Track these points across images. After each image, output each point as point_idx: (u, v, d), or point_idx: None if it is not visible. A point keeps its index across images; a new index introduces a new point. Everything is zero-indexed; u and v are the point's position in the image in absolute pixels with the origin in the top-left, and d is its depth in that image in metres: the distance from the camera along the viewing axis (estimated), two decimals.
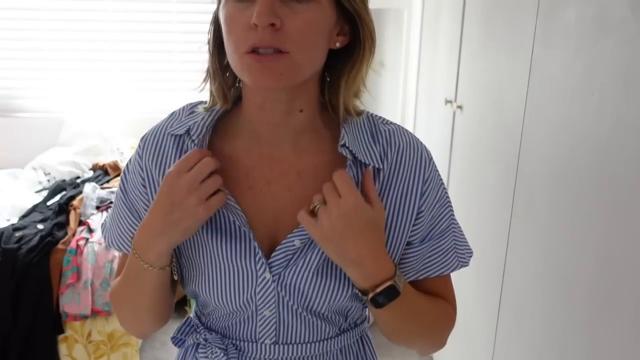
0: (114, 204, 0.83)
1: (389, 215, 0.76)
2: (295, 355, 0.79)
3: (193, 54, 2.82)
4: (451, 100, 2.06)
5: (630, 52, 0.98)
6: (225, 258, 0.73)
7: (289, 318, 0.77)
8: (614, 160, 1.03)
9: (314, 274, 0.73)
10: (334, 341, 0.81)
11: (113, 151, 2.62)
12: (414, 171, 0.76)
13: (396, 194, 0.76)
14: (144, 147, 0.78)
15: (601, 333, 1.07)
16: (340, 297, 0.75)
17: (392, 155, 0.76)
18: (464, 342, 1.96)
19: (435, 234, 0.79)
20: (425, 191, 0.77)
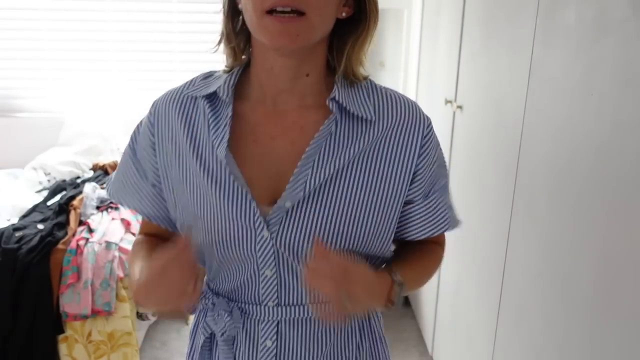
0: (121, 161, 0.88)
1: (384, 169, 0.79)
2: (297, 317, 0.82)
3: (193, 54, 2.82)
4: (451, 100, 2.06)
5: (630, 52, 0.98)
6: (228, 215, 0.77)
7: (289, 278, 0.80)
8: (614, 160, 1.03)
9: (309, 231, 0.77)
10: None
11: (113, 151, 2.62)
12: (412, 129, 0.80)
13: (393, 148, 0.80)
14: (156, 112, 0.82)
15: (601, 333, 1.07)
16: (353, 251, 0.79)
17: (388, 112, 0.80)
18: (464, 342, 1.96)
19: (436, 190, 0.84)
20: (424, 149, 0.81)
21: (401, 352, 2.48)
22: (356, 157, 0.78)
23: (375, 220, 0.80)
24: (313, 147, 0.76)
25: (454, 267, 2.07)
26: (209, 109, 0.80)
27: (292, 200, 0.76)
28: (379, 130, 0.79)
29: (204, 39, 2.79)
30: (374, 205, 0.79)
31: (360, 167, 0.78)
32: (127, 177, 0.86)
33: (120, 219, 2.07)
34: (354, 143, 0.78)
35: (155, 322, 2.59)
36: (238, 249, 0.78)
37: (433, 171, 0.83)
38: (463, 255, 1.96)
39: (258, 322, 0.83)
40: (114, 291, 1.89)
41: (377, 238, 0.81)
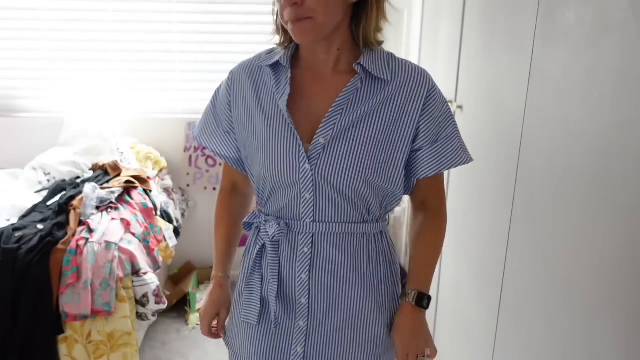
0: (204, 113, 1.19)
1: (395, 118, 1.05)
2: (327, 231, 1.08)
3: (193, 54, 2.82)
4: (451, 100, 2.06)
5: (630, 52, 0.98)
6: (281, 151, 1.05)
7: (323, 201, 1.06)
8: (614, 160, 1.03)
9: (339, 164, 1.03)
10: (357, 226, 1.09)
11: (113, 151, 2.62)
12: (418, 89, 1.06)
13: (402, 102, 1.05)
14: (232, 77, 1.13)
15: (601, 333, 1.07)
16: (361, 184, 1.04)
17: (401, 75, 1.06)
18: (464, 342, 1.96)
19: (442, 137, 1.09)
20: (427, 105, 1.06)
21: None
22: (375, 107, 1.04)
23: (387, 157, 1.05)
24: (342, 98, 1.04)
25: (454, 267, 2.07)
26: (272, 73, 1.08)
27: (324, 137, 1.03)
28: (393, 88, 1.05)
29: (204, 39, 2.79)
30: (386, 145, 1.05)
31: (378, 116, 1.04)
32: (206, 125, 1.17)
33: (120, 219, 2.07)
34: (374, 97, 1.04)
35: (155, 323, 2.59)
36: (286, 177, 1.05)
37: (438, 123, 1.07)
38: (463, 255, 1.96)
39: (298, 234, 1.08)
40: (114, 291, 1.89)
41: (389, 171, 1.07)
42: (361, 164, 1.04)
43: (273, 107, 1.07)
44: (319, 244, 1.09)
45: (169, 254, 2.29)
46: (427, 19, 2.49)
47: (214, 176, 2.94)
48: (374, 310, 1.13)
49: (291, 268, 1.10)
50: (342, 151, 1.03)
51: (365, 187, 1.05)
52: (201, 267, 3.05)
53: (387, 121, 1.05)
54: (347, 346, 1.13)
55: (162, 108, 2.88)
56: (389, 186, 1.08)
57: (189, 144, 2.88)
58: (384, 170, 1.06)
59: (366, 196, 1.07)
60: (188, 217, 2.93)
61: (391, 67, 1.06)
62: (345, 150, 1.03)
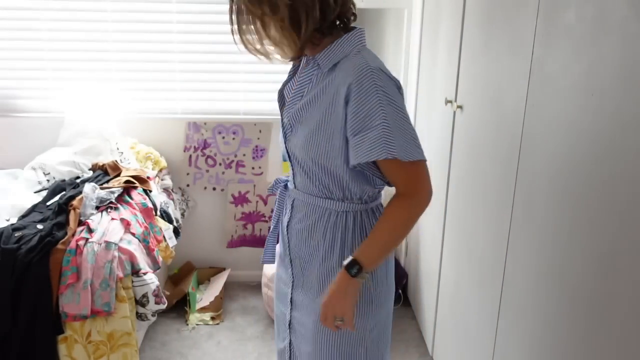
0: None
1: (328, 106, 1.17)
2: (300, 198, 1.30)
3: (193, 55, 2.81)
4: (451, 100, 2.06)
5: (630, 52, 0.98)
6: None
7: (297, 172, 1.29)
8: (614, 160, 1.03)
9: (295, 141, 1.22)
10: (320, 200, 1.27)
11: (113, 151, 2.62)
12: (345, 80, 1.13)
13: (334, 93, 1.16)
14: None
15: (601, 333, 1.07)
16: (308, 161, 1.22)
17: (341, 69, 1.16)
18: (464, 342, 1.96)
19: (364, 129, 1.12)
20: (348, 99, 1.13)
21: (401, 353, 2.48)
22: (319, 95, 1.18)
23: (326, 140, 1.17)
24: (298, 86, 1.24)
25: (454, 267, 2.07)
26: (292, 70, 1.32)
27: (287, 118, 1.24)
28: (333, 80, 1.16)
29: (204, 40, 2.79)
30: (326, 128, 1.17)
31: (321, 102, 1.18)
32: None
33: (119, 219, 2.07)
34: (319, 86, 1.19)
35: (155, 323, 2.59)
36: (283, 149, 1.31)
37: (359, 118, 1.12)
38: (463, 255, 1.96)
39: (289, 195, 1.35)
40: (114, 291, 1.89)
41: (329, 152, 1.18)
42: (306, 141, 1.19)
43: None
44: (295, 207, 1.33)
45: (168, 254, 2.29)
46: (427, 19, 2.49)
47: (213, 176, 2.94)
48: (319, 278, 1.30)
49: (283, 221, 1.38)
50: (297, 130, 1.22)
51: (313, 164, 1.22)
52: (201, 267, 3.05)
53: (325, 108, 1.17)
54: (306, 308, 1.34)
55: (162, 108, 2.88)
56: (330, 166, 1.20)
57: (189, 144, 2.89)
58: (324, 151, 1.18)
59: (317, 173, 1.23)
60: (188, 217, 2.93)
61: (340, 63, 1.17)
62: (298, 130, 1.21)
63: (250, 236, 3.03)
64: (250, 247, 3.05)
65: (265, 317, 2.74)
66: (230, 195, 2.96)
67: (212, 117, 2.87)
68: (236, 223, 3.01)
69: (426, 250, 2.49)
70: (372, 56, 1.18)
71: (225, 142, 2.89)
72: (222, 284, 2.85)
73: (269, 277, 2.63)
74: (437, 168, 2.29)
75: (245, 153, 2.91)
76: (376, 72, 1.12)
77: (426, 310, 2.51)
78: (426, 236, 2.49)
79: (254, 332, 2.62)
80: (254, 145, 2.91)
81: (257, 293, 2.94)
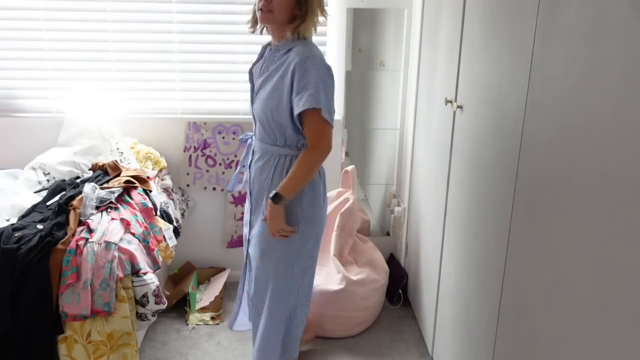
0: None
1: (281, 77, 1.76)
2: (258, 146, 1.90)
3: (193, 55, 2.81)
4: (451, 100, 2.06)
5: (630, 52, 0.97)
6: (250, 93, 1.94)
7: (256, 124, 1.89)
8: (614, 160, 1.03)
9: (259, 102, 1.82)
10: (271, 147, 1.85)
11: (113, 151, 2.62)
12: (294, 60, 1.72)
13: (285, 68, 1.75)
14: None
15: (601, 333, 1.07)
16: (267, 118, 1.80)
17: (294, 53, 1.74)
18: (464, 342, 1.96)
19: (303, 90, 1.70)
20: (294, 70, 1.71)
21: (401, 353, 2.48)
22: (276, 70, 1.79)
23: (279, 101, 1.75)
24: (264, 65, 1.86)
25: (454, 267, 2.07)
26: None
27: (257, 85, 1.87)
28: (287, 60, 1.76)
29: (204, 40, 2.79)
30: (279, 93, 1.75)
31: (277, 74, 1.77)
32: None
33: (119, 219, 2.07)
34: (278, 61, 1.79)
35: (155, 323, 2.59)
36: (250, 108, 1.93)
37: (300, 84, 1.70)
38: (463, 255, 1.96)
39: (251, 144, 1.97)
40: (114, 291, 1.89)
41: (281, 111, 1.76)
42: (266, 104, 1.78)
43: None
44: (254, 152, 1.93)
45: (168, 254, 2.29)
46: (427, 19, 2.49)
47: (213, 176, 2.94)
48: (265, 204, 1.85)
49: (248, 165, 1.99)
50: (260, 94, 1.82)
51: (267, 119, 1.80)
52: (201, 267, 3.05)
53: (279, 78, 1.76)
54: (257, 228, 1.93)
55: (162, 108, 2.88)
56: (279, 119, 1.78)
57: (189, 144, 2.89)
58: (276, 107, 1.76)
59: (270, 125, 1.81)
60: (188, 217, 2.93)
61: (292, 47, 1.76)
62: (260, 94, 1.82)
63: None
64: None
65: None
66: (230, 195, 2.96)
67: (212, 117, 2.87)
68: (236, 223, 3.01)
69: (426, 250, 2.49)
70: (315, 47, 1.77)
71: (225, 142, 2.90)
72: (222, 284, 2.85)
73: None
74: (437, 168, 2.29)
75: None
76: (314, 57, 1.72)
77: (426, 310, 2.51)
78: (426, 236, 2.49)
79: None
80: None
81: None
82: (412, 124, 2.73)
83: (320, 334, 2.55)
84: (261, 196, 1.89)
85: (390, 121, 3.00)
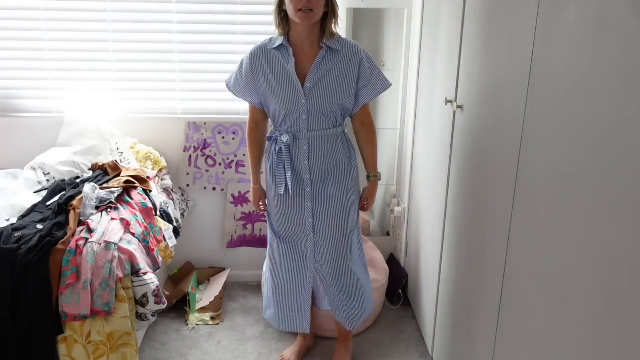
0: (235, 78, 2.13)
1: (343, 71, 2.02)
2: (315, 135, 2.05)
3: (193, 55, 2.81)
4: (451, 100, 2.06)
5: (631, 52, 0.97)
6: (289, 94, 2.01)
7: (311, 118, 2.03)
8: (614, 160, 1.03)
9: (318, 98, 2.00)
10: (330, 130, 2.06)
11: (113, 151, 2.62)
12: (355, 55, 2.03)
13: (346, 62, 2.02)
14: (253, 57, 2.05)
15: (601, 333, 1.07)
16: (332, 106, 2.02)
17: (346, 48, 2.02)
18: (464, 342, 1.96)
19: (369, 84, 2.06)
20: (361, 64, 2.03)
21: (401, 352, 2.48)
22: (334, 66, 2.01)
23: (344, 90, 2.02)
24: (316, 61, 2.00)
25: (454, 267, 2.07)
26: (278, 52, 2.02)
27: (310, 83, 1.99)
28: (343, 56, 2.02)
29: (203, 40, 2.79)
30: (342, 85, 2.02)
31: (336, 70, 2.01)
32: (236, 85, 2.12)
33: (119, 219, 2.07)
34: (332, 60, 2.01)
35: (155, 323, 2.59)
36: (294, 107, 2.01)
37: (365, 74, 2.04)
38: (463, 255, 1.96)
39: (300, 139, 2.05)
40: (114, 291, 1.89)
41: (346, 98, 2.03)
42: (331, 95, 2.01)
43: (282, 70, 2.01)
44: (312, 143, 2.06)
45: (168, 254, 2.29)
46: (427, 19, 2.49)
47: (213, 176, 2.94)
48: (342, 176, 2.12)
49: (298, 159, 2.08)
50: (319, 90, 2.00)
51: (335, 107, 2.03)
52: (201, 267, 3.05)
53: (341, 72, 2.01)
54: (332, 200, 2.12)
55: (162, 108, 2.88)
56: (347, 105, 2.06)
57: (189, 144, 2.89)
58: (344, 97, 2.03)
59: (335, 111, 2.04)
60: (188, 217, 2.93)
61: (340, 43, 2.02)
62: (320, 90, 2.00)
63: (250, 236, 3.03)
64: (250, 247, 3.05)
65: None
66: (230, 195, 2.96)
67: (212, 117, 2.87)
68: (236, 223, 3.01)
69: (426, 250, 2.49)
70: None
71: (225, 142, 2.89)
72: (222, 284, 2.85)
73: None
74: (437, 168, 2.29)
75: (245, 153, 2.91)
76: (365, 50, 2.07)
77: (426, 310, 2.51)
78: (426, 236, 2.49)
79: (254, 332, 2.61)
80: None
81: (257, 293, 2.94)
82: (412, 124, 2.73)
83: (320, 334, 2.55)
84: (327, 177, 2.10)
85: (390, 121, 3.00)
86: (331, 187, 2.10)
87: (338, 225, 2.15)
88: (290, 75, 1.98)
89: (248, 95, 2.09)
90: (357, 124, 2.14)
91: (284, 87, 1.99)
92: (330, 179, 2.10)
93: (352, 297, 2.24)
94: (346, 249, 2.18)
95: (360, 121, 2.13)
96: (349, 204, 2.14)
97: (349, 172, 2.12)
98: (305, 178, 2.09)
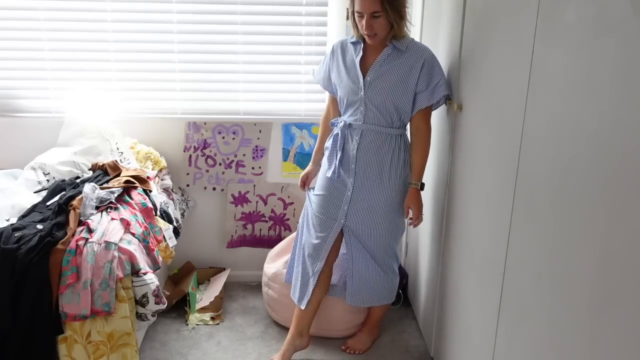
0: (320, 67, 2.33)
1: (405, 71, 2.09)
2: (369, 129, 2.14)
3: (193, 55, 2.81)
4: (451, 100, 2.06)
5: (630, 52, 0.97)
6: (352, 85, 2.15)
7: (368, 111, 2.13)
8: (614, 160, 1.03)
9: (378, 93, 2.11)
10: (386, 129, 2.14)
11: (113, 151, 2.62)
12: (418, 57, 2.08)
13: (410, 63, 2.08)
14: (333, 48, 2.25)
15: (601, 333, 1.07)
16: (387, 103, 2.10)
17: (412, 50, 2.09)
18: (464, 342, 1.96)
19: (429, 89, 2.08)
20: (422, 68, 2.07)
21: (401, 352, 2.48)
22: (397, 65, 2.09)
23: (403, 90, 2.09)
24: (380, 58, 2.11)
25: (454, 267, 2.07)
26: (353, 46, 2.18)
27: (370, 77, 2.11)
28: (407, 56, 2.09)
29: (204, 40, 2.79)
30: (403, 84, 2.08)
31: (399, 68, 2.08)
32: (319, 72, 2.31)
33: (119, 219, 2.07)
34: (397, 59, 2.09)
35: (155, 323, 2.59)
36: (354, 98, 2.15)
37: (426, 78, 2.08)
38: (463, 255, 1.96)
39: (355, 129, 2.16)
40: (114, 291, 1.89)
41: (403, 98, 2.10)
42: (387, 92, 2.09)
43: (351, 62, 2.17)
44: (364, 135, 2.15)
45: (168, 254, 2.29)
46: (427, 19, 2.49)
47: (213, 176, 2.93)
48: (386, 176, 2.17)
49: (349, 147, 2.18)
50: (377, 85, 2.10)
51: (390, 105, 2.10)
52: (201, 267, 3.05)
53: (403, 72, 2.08)
54: (369, 197, 2.20)
55: (162, 108, 2.88)
56: (404, 106, 2.11)
57: (189, 144, 2.89)
58: (401, 97, 2.09)
59: (390, 111, 2.11)
60: (188, 217, 2.93)
61: (407, 44, 2.09)
62: (379, 85, 2.10)
63: (250, 236, 3.03)
64: (250, 247, 3.05)
65: (266, 317, 2.74)
66: (230, 195, 2.96)
67: (212, 117, 2.87)
68: (236, 223, 3.01)
69: (426, 250, 2.49)
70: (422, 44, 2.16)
71: (225, 142, 2.89)
72: (222, 284, 2.85)
73: (269, 277, 2.63)
74: (437, 168, 2.29)
75: (245, 153, 2.91)
76: (434, 56, 2.10)
77: (426, 311, 2.51)
78: (426, 236, 2.49)
79: (254, 332, 2.61)
80: (254, 145, 2.91)
81: (257, 293, 2.94)
82: None
83: (320, 334, 2.55)
84: (371, 173, 2.17)
85: None
86: (372, 184, 2.16)
87: (368, 223, 2.23)
88: (355, 67, 2.13)
89: (325, 83, 2.28)
90: (413, 129, 2.15)
91: (349, 77, 2.14)
92: (374, 175, 2.16)
93: (365, 285, 2.34)
94: (375, 245, 2.28)
95: (416, 126, 2.14)
96: (385, 206, 2.19)
97: (395, 175, 2.15)
98: (351, 168, 2.17)
